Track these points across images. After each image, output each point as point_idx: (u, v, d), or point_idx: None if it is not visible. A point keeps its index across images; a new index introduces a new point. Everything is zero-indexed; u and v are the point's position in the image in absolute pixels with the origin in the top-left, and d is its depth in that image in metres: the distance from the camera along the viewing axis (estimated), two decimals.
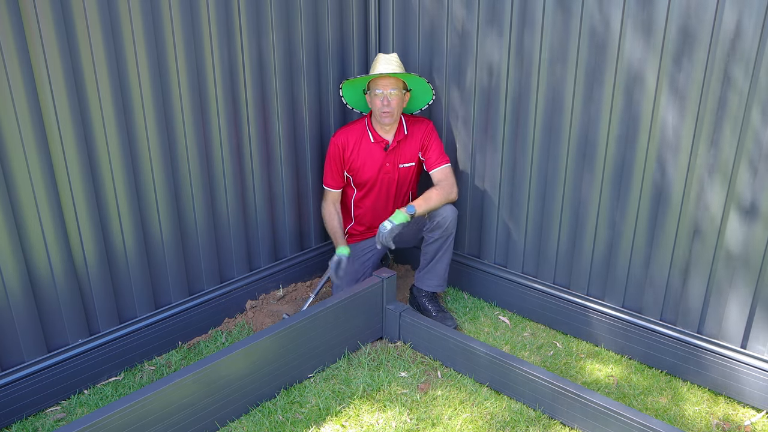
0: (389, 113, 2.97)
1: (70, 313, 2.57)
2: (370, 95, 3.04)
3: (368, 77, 2.99)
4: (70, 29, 2.28)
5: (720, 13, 2.23)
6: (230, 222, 3.04)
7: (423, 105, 3.22)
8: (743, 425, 2.48)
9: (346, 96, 3.18)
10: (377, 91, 2.96)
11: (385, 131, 3.10)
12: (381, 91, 2.95)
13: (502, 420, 2.48)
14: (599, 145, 2.69)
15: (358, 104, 3.23)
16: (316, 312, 2.65)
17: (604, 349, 2.94)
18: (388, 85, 2.95)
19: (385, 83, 2.95)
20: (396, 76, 2.95)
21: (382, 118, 2.99)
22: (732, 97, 2.28)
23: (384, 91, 2.95)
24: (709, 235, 2.50)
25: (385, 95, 2.95)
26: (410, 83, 3.05)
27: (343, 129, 3.14)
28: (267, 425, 2.46)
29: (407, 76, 2.98)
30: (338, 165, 3.14)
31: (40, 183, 2.35)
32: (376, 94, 2.97)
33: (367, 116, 3.15)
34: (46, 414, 2.55)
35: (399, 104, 3.00)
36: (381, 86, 2.96)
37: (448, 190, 3.06)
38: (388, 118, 2.99)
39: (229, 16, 2.74)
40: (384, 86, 2.95)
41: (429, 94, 3.13)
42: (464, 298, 3.43)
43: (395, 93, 2.96)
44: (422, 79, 3.01)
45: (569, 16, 2.61)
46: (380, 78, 2.95)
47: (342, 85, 3.10)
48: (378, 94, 2.96)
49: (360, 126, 3.12)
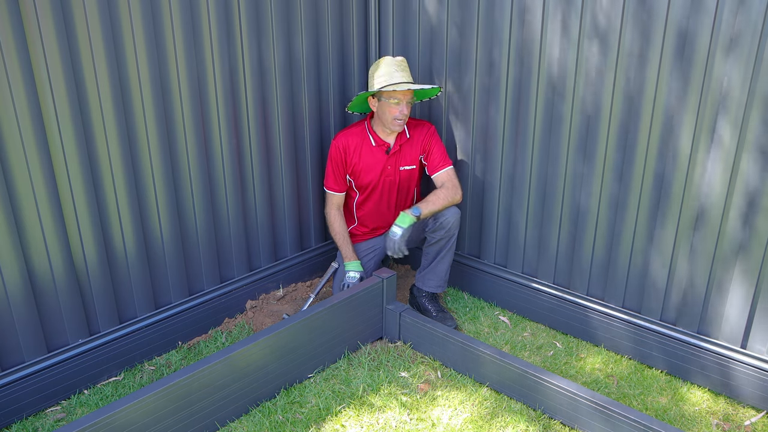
0: (402, 122, 2.96)
1: (70, 313, 2.57)
2: (383, 102, 2.95)
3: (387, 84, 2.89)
4: (70, 29, 2.28)
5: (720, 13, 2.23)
6: (230, 222, 3.04)
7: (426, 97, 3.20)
8: (743, 425, 2.48)
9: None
10: (393, 101, 2.91)
11: (387, 135, 3.07)
12: (398, 100, 2.91)
13: (502, 420, 2.49)
14: (599, 145, 2.69)
15: (356, 107, 3.20)
16: (316, 312, 2.65)
17: (604, 349, 2.94)
18: (406, 95, 2.92)
19: (405, 93, 2.91)
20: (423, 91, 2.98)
21: (394, 125, 2.96)
22: (732, 94, 2.29)
23: (402, 101, 2.91)
24: (709, 234, 2.50)
25: (402, 106, 2.92)
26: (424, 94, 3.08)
27: (343, 132, 3.11)
28: (267, 425, 2.46)
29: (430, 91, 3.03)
30: (341, 168, 3.10)
31: (40, 183, 2.35)
32: (391, 104, 2.92)
33: (366, 119, 3.12)
34: (46, 414, 2.55)
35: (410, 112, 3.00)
36: (400, 96, 2.91)
37: (452, 192, 3.05)
38: (400, 126, 2.98)
39: (229, 17, 2.74)
40: (403, 96, 2.91)
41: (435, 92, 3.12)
42: (464, 298, 3.43)
43: (410, 102, 2.95)
44: (437, 88, 3.01)
45: (569, 13, 2.61)
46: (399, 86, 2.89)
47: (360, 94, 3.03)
48: (394, 104, 2.91)
49: (360, 129, 3.09)
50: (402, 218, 2.94)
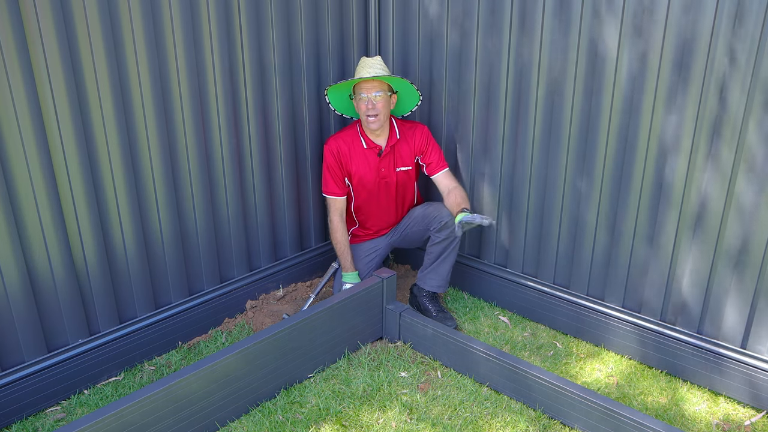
0: (375, 117, 2.92)
1: (70, 313, 2.57)
2: (355, 100, 2.98)
3: (351, 82, 2.94)
4: (70, 29, 2.28)
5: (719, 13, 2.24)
6: (230, 222, 3.04)
7: (411, 107, 3.19)
8: (743, 425, 2.48)
9: (334, 103, 3.13)
10: (362, 95, 2.91)
11: (376, 136, 3.06)
12: (365, 95, 2.90)
13: (502, 420, 2.48)
14: (599, 145, 2.69)
15: (348, 110, 3.20)
16: (316, 312, 2.65)
17: (604, 349, 2.94)
18: (372, 88, 2.90)
19: (369, 86, 2.90)
20: (378, 78, 2.89)
21: (369, 123, 2.94)
22: (730, 104, 2.29)
23: (368, 95, 2.89)
24: (709, 234, 2.50)
25: (370, 99, 2.89)
26: (395, 85, 3.01)
27: (335, 136, 3.09)
28: (267, 425, 2.46)
29: (390, 79, 2.93)
30: (338, 171, 3.08)
31: (40, 183, 2.35)
32: (360, 98, 2.92)
33: (358, 122, 3.11)
34: (46, 414, 2.55)
35: (385, 107, 2.95)
36: (365, 90, 2.91)
37: (464, 192, 3.08)
38: (375, 123, 2.94)
39: (229, 18, 2.74)
40: (368, 90, 2.90)
41: (416, 96, 3.09)
42: (464, 298, 3.43)
43: (380, 96, 2.91)
44: (406, 81, 2.96)
45: (567, 23, 2.61)
46: (364, 82, 2.90)
47: (326, 91, 3.04)
48: (363, 98, 2.91)
49: (352, 132, 3.08)
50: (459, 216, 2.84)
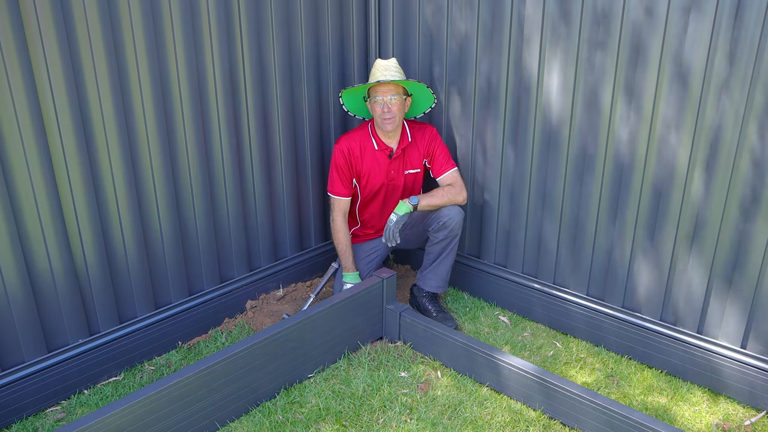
0: (391, 119, 2.95)
1: (70, 313, 2.57)
2: (370, 102, 3.00)
3: (367, 85, 2.96)
4: (70, 29, 2.28)
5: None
6: (230, 222, 3.04)
7: (425, 109, 3.20)
8: (743, 425, 2.48)
9: (347, 104, 3.14)
10: (377, 98, 2.93)
11: (388, 138, 3.07)
12: (381, 98, 2.92)
13: (502, 420, 2.49)
14: (599, 145, 2.69)
15: (360, 111, 3.21)
16: (316, 312, 2.65)
17: (604, 349, 2.94)
18: (388, 91, 2.92)
19: (385, 90, 2.92)
20: (395, 82, 2.92)
21: (384, 124, 2.96)
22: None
23: (384, 98, 2.92)
24: (709, 235, 2.50)
25: (385, 102, 2.92)
26: (410, 88, 3.03)
27: (346, 136, 3.10)
28: (267, 425, 2.46)
29: (406, 83, 2.96)
30: (347, 171, 3.08)
31: (40, 183, 2.35)
32: (376, 101, 2.94)
33: (369, 123, 3.12)
34: (46, 414, 2.55)
35: (400, 110, 2.97)
36: (381, 93, 2.92)
37: (456, 192, 3.06)
38: (390, 124, 2.96)
39: (229, 18, 2.74)
40: (384, 93, 2.92)
41: (430, 98, 3.11)
42: (464, 298, 3.43)
43: (395, 99, 2.93)
44: (422, 85, 2.99)
45: (569, 24, 2.61)
46: (379, 85, 2.92)
47: (341, 94, 3.06)
48: (378, 101, 2.93)
49: (363, 133, 3.09)
50: (399, 206, 2.98)
